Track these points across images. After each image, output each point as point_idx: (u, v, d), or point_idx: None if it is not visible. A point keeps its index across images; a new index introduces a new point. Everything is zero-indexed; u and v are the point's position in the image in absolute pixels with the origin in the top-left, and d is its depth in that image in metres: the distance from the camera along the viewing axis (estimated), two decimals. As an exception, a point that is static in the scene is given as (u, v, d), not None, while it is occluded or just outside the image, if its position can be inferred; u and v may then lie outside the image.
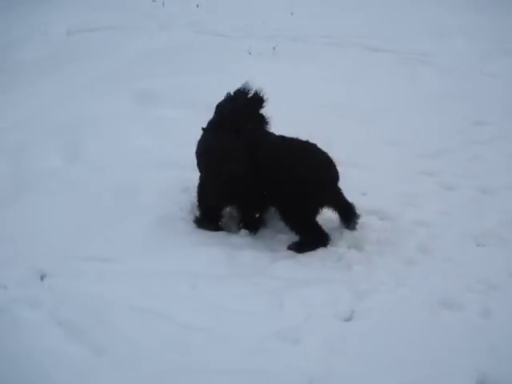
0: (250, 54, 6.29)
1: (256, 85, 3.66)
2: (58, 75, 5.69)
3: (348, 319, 2.94)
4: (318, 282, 3.17)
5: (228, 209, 3.72)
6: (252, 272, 3.27)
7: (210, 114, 3.97)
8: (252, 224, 3.65)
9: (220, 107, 3.67)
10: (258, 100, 3.63)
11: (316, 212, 3.54)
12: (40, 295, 2.97)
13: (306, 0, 8.04)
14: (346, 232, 3.64)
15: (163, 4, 7.92)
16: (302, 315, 2.92)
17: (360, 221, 3.67)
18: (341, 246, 3.54)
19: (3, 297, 2.95)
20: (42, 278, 3.14)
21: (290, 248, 3.49)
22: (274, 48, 6.34)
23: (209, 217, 3.63)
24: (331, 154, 3.62)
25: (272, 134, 3.64)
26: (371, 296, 3.08)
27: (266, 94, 3.66)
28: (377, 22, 7.11)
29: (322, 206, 3.56)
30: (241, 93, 3.65)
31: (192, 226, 3.66)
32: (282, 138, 3.60)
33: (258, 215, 3.68)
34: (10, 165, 4.23)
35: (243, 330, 2.82)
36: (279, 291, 3.10)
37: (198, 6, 7.86)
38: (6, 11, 7.74)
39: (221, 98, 3.85)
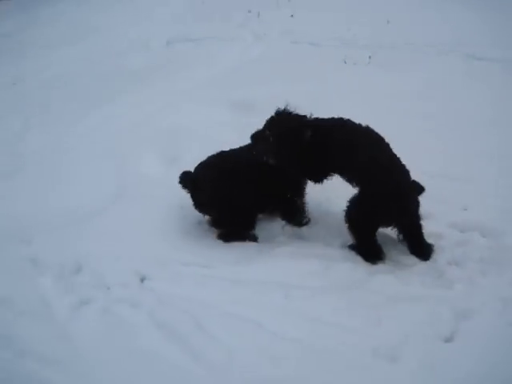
0: (345, 63, 6.21)
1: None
2: (158, 84, 5.87)
3: (449, 340, 2.80)
4: (417, 299, 3.04)
5: None
6: (348, 285, 3.18)
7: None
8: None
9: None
10: None
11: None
12: (140, 297, 3.08)
13: (402, 7, 7.84)
14: (446, 247, 3.47)
15: (258, 15, 8.00)
16: (400, 333, 2.82)
17: (461, 236, 3.50)
18: (440, 261, 3.38)
19: (107, 297, 3.08)
20: (142, 280, 3.24)
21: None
22: (369, 57, 6.22)
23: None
24: (422, 166, 3.51)
25: None
26: (474, 317, 2.91)
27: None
28: (479, 27, 6.78)
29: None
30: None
31: (288, 237, 3.65)
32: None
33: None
34: (114, 170, 4.40)
35: (338, 344, 2.76)
36: (377, 306, 3.01)
37: (292, 15, 7.87)
38: (110, 26, 8.16)
39: (319, 106, 3.82)
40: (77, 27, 8.18)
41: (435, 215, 3.65)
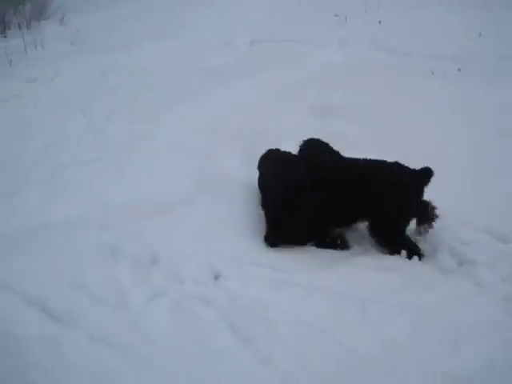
0: (432, 73, 6.00)
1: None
2: (242, 83, 5.89)
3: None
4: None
5: None
6: (424, 305, 3.03)
7: (393, 135, 3.83)
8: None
9: None
10: None
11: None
12: (214, 295, 3.04)
13: (494, 20, 7.51)
14: None
15: (346, 19, 7.88)
16: (477, 360, 2.64)
17: None
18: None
19: (180, 291, 3.07)
20: (216, 278, 3.21)
21: None
22: (459, 69, 5.99)
23: None
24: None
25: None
26: None
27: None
28: None
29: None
30: None
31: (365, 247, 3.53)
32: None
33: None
34: (195, 165, 4.42)
35: (413, 366, 2.62)
36: (455, 331, 2.85)
37: (380, 22, 7.70)
38: (195, 23, 8.28)
39: (404, 117, 3.69)
40: (168, 23, 8.35)
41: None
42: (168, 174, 4.27)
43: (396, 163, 3.55)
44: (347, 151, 3.88)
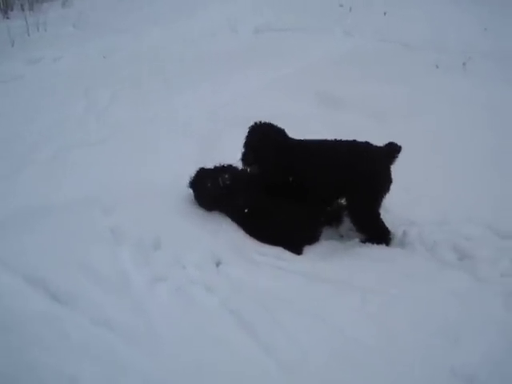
0: (437, 67, 5.97)
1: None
2: (246, 70, 5.84)
3: None
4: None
5: None
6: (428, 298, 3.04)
7: (397, 126, 3.80)
8: None
9: None
10: None
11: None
12: (215, 281, 3.03)
13: (500, 15, 7.47)
14: None
15: (350, 9, 7.83)
16: (478, 355, 2.64)
17: None
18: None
19: (182, 276, 3.05)
20: (217, 264, 3.20)
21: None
22: (464, 64, 5.95)
23: None
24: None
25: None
26: None
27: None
28: None
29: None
30: None
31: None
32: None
33: None
34: (195, 150, 4.40)
35: (415, 359, 2.62)
36: (455, 324, 2.85)
37: (385, 13, 7.65)
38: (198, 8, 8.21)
39: (408, 109, 3.65)
40: (172, 7, 8.27)
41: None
42: (170, 158, 4.25)
43: (367, 143, 3.57)
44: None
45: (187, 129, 4.67)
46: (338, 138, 3.66)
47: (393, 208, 3.76)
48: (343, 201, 3.65)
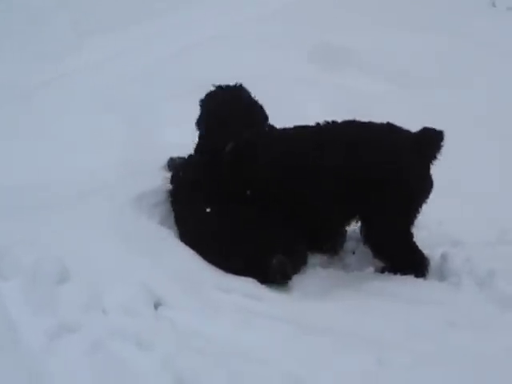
0: (493, 6, 6.09)
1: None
2: (208, 4, 5.88)
3: None
4: None
5: None
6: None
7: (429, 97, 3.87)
8: None
9: None
10: None
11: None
12: (153, 333, 3.01)
13: None
14: None
15: None
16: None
17: None
18: None
19: (101, 325, 3.03)
20: (156, 306, 3.22)
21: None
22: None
23: None
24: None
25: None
26: None
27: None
28: None
29: None
30: None
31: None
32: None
33: None
34: (124, 133, 4.47)
35: None
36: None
37: None
38: None
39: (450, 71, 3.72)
40: None
41: None
42: (82, 143, 4.31)
43: (390, 127, 3.62)
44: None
45: (111, 98, 4.68)
46: (342, 119, 3.68)
47: (425, 220, 3.79)
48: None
